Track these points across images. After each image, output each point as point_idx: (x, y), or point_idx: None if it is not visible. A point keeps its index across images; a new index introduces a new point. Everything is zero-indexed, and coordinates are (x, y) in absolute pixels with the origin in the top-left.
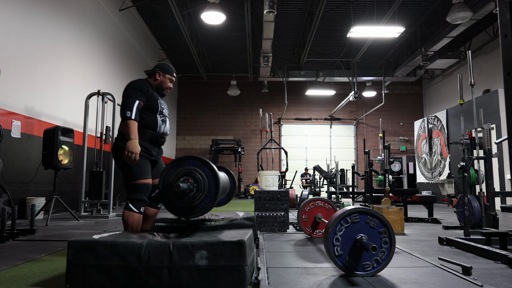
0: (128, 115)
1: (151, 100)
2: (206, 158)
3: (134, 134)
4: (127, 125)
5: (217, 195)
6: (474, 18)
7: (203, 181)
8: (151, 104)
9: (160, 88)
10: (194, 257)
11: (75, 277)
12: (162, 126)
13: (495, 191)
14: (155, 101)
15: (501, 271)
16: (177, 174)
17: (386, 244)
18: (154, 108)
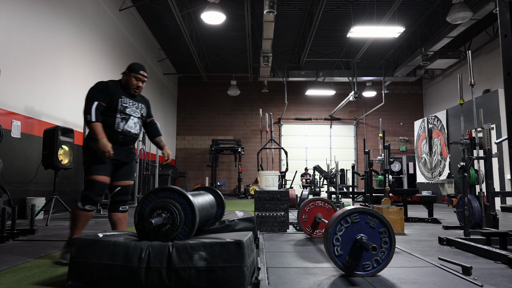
0: (88, 118)
1: (112, 99)
2: (181, 189)
3: (100, 134)
4: (91, 128)
5: (194, 226)
6: (474, 18)
7: (178, 214)
8: (111, 103)
9: (126, 86)
10: (193, 258)
11: (77, 275)
12: (121, 123)
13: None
14: (115, 100)
15: (501, 271)
16: (152, 207)
17: (386, 244)
18: (113, 107)
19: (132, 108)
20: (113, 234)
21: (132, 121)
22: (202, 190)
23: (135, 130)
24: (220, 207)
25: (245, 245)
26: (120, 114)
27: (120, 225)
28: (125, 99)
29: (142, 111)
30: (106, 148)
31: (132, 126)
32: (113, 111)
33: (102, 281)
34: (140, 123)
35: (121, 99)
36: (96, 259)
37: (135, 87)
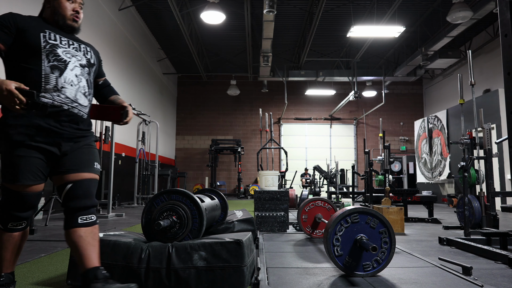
0: None
1: (26, 34)
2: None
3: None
4: None
5: (201, 229)
6: (474, 17)
7: (186, 217)
8: (25, 40)
9: (58, 16)
10: (192, 258)
11: (77, 274)
12: (52, 77)
13: (496, 191)
14: (34, 35)
15: (501, 271)
16: (160, 209)
17: (386, 244)
18: (31, 46)
19: (69, 49)
20: (114, 234)
21: (72, 73)
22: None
23: (80, 88)
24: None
25: (244, 245)
26: (48, 59)
27: (86, 246)
28: (52, 34)
29: (88, 55)
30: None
31: (74, 81)
32: (32, 54)
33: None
34: (89, 79)
35: (44, 33)
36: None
37: (71, 12)
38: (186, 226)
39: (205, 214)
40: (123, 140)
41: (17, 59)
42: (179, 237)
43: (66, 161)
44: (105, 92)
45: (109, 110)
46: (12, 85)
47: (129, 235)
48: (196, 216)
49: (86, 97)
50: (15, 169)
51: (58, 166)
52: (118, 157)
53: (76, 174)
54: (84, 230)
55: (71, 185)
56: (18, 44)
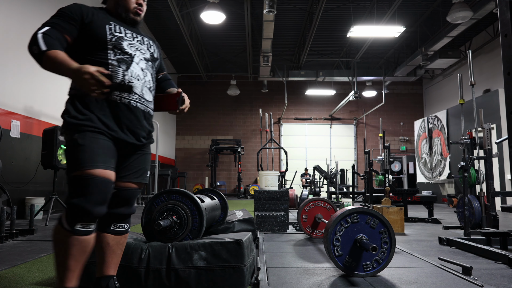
0: (35, 51)
1: (92, 26)
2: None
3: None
4: (47, 61)
5: (201, 229)
6: (474, 17)
7: (186, 217)
8: (91, 31)
9: (121, 8)
10: (192, 258)
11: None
12: (119, 70)
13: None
14: (100, 26)
15: (502, 271)
16: (160, 209)
17: (386, 244)
18: (97, 39)
19: (133, 42)
20: None
21: (138, 67)
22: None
23: (146, 83)
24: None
25: (244, 245)
26: (114, 52)
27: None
28: (117, 27)
29: (152, 49)
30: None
31: (140, 76)
32: (98, 47)
33: None
34: (153, 73)
35: (109, 25)
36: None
37: (134, 5)
38: (186, 226)
39: (205, 214)
40: None
41: (82, 52)
42: (179, 237)
43: (128, 166)
44: (164, 85)
45: (164, 99)
46: (92, 68)
47: (129, 235)
48: (196, 216)
49: (151, 92)
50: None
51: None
52: None
53: (130, 183)
54: (113, 238)
55: (121, 192)
56: (84, 36)
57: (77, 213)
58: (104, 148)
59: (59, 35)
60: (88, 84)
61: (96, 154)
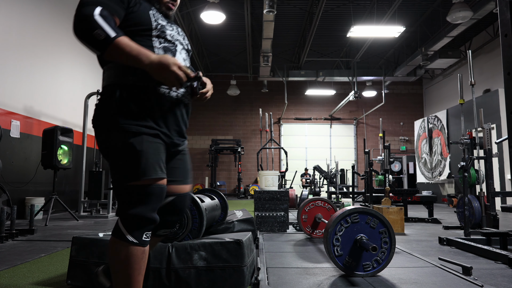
0: (102, 36)
1: (135, 11)
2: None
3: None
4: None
5: (201, 229)
6: (475, 17)
7: (186, 217)
8: (136, 17)
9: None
10: (192, 258)
11: (77, 274)
12: None
13: (496, 191)
14: (143, 13)
15: (502, 271)
16: None
17: (386, 244)
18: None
19: (173, 32)
20: None
21: (180, 57)
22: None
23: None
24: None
25: (244, 245)
26: (159, 40)
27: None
28: (158, 14)
29: (186, 41)
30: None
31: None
32: (143, 34)
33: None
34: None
35: (152, 12)
36: (96, 259)
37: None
38: (186, 226)
39: (205, 214)
40: None
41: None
42: (179, 237)
43: (174, 169)
44: None
45: None
46: (177, 60)
47: None
48: (196, 216)
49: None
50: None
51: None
52: None
53: (181, 186)
54: (156, 240)
55: (173, 198)
56: (128, 21)
57: (141, 223)
58: (160, 154)
59: (111, 17)
60: (174, 77)
61: (155, 161)
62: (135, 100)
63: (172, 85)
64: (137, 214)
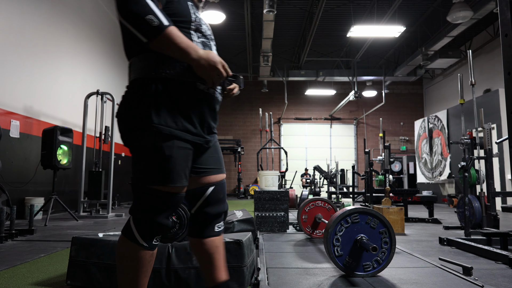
0: (156, 23)
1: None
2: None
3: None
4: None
5: None
6: (475, 17)
7: (186, 217)
8: (174, 9)
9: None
10: (192, 258)
11: (76, 274)
12: None
13: (496, 191)
14: (183, 4)
15: (502, 272)
16: None
17: (387, 245)
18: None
19: (206, 27)
20: (114, 234)
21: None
22: None
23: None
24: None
25: (244, 245)
26: (197, 34)
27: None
28: (194, 7)
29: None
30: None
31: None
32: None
33: (102, 281)
34: None
35: (191, 3)
36: (96, 259)
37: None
38: (185, 227)
39: None
40: None
41: None
42: (179, 238)
43: (208, 159)
44: None
45: None
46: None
47: None
48: None
49: None
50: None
51: (199, 160)
52: (117, 157)
53: (217, 175)
54: (219, 240)
55: (213, 187)
56: (168, 9)
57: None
58: (188, 161)
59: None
60: (217, 74)
61: (181, 169)
62: (171, 95)
63: (212, 83)
64: (152, 219)
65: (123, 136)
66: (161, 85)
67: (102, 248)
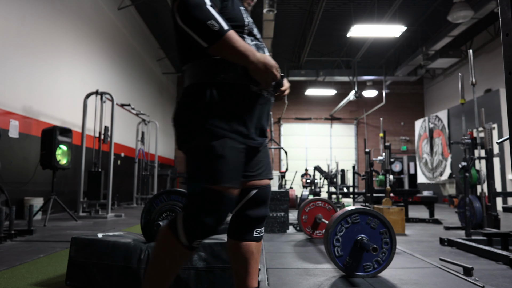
0: (216, 27)
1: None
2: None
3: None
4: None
5: None
6: (475, 17)
7: None
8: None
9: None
10: (192, 258)
11: (76, 275)
12: None
13: (497, 191)
14: (237, 7)
15: (503, 272)
16: (159, 210)
17: (387, 245)
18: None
19: (257, 31)
20: (113, 235)
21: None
22: None
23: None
24: None
25: None
26: (250, 38)
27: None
28: (246, 12)
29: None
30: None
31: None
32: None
33: (101, 281)
34: None
35: (243, 8)
36: (95, 259)
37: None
38: None
39: None
40: (122, 140)
41: None
42: None
43: (257, 163)
44: None
45: None
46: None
47: (128, 235)
48: None
49: None
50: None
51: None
52: (117, 157)
53: (263, 181)
54: (256, 245)
55: (256, 190)
56: (222, 14)
57: (201, 231)
58: (240, 162)
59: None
60: (271, 78)
61: (236, 169)
62: (225, 99)
63: (266, 86)
64: (199, 218)
65: (178, 139)
66: (216, 90)
67: (101, 249)
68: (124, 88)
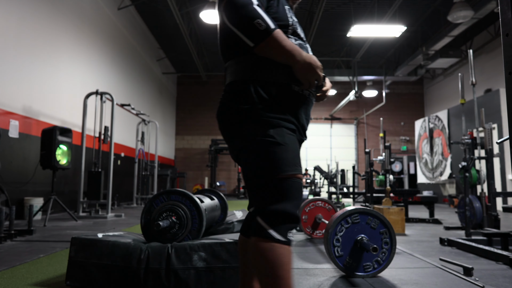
0: (263, 26)
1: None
2: (189, 193)
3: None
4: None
5: (201, 230)
6: (476, 17)
7: (186, 218)
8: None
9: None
10: (192, 258)
11: (76, 275)
12: None
13: (497, 191)
14: (282, 6)
15: (503, 272)
16: (159, 210)
17: (387, 245)
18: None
19: (301, 31)
20: (113, 235)
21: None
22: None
23: None
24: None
25: None
26: (294, 38)
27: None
28: (291, 12)
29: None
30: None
31: None
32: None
33: (101, 281)
34: None
35: (288, 7)
36: (95, 259)
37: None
38: (185, 227)
39: (204, 215)
40: (122, 140)
41: None
42: (179, 238)
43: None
44: None
45: None
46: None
47: (128, 235)
48: (195, 217)
49: None
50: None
51: None
52: (117, 157)
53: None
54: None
55: None
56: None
57: (285, 219)
58: (298, 149)
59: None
60: (315, 78)
61: (297, 155)
62: (271, 95)
63: (309, 86)
64: (281, 210)
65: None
66: (259, 87)
67: (101, 249)
68: (124, 88)
